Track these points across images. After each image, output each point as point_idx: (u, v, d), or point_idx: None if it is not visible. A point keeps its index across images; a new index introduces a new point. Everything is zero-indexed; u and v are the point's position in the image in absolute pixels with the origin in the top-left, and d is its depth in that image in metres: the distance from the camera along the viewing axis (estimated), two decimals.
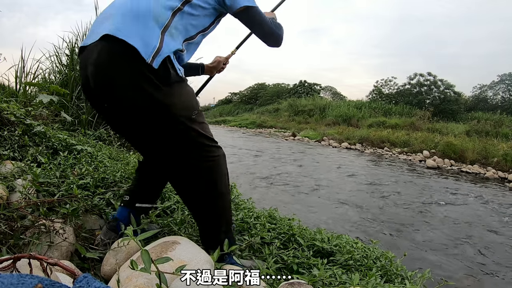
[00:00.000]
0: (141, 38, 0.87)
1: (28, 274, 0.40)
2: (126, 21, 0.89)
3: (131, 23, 0.89)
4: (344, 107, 19.78)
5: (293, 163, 7.57)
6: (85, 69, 0.95)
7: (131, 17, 0.90)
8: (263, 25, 1.11)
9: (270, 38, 1.15)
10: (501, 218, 4.32)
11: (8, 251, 0.90)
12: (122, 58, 0.87)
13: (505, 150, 8.61)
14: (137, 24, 0.89)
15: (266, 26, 1.11)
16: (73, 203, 1.16)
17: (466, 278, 2.64)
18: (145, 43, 0.87)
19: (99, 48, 0.89)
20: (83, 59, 0.96)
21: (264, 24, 1.11)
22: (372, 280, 1.11)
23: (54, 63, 3.49)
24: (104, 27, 0.91)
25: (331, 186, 5.46)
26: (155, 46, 0.87)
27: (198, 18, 1.01)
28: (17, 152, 1.66)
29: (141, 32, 0.88)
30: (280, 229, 1.54)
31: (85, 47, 0.95)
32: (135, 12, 0.91)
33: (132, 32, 0.87)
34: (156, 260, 0.64)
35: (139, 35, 0.87)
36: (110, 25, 0.90)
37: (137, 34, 0.87)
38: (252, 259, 1.26)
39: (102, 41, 0.89)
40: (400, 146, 11.16)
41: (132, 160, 2.12)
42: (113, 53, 0.88)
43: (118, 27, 0.88)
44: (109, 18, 0.93)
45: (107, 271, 0.93)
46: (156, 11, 0.92)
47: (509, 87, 24.10)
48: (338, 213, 4.06)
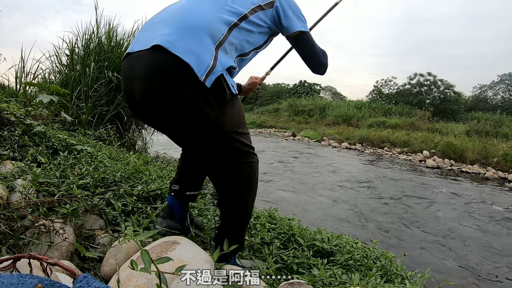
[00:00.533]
0: (195, 55, 0.84)
1: (28, 274, 0.40)
2: (180, 34, 0.86)
3: (185, 37, 0.85)
4: (344, 107, 19.77)
5: (293, 163, 7.57)
6: (130, 79, 0.92)
7: (186, 29, 0.87)
8: (313, 52, 1.12)
9: (315, 66, 1.16)
10: (501, 218, 4.32)
11: (8, 251, 0.90)
12: (175, 74, 0.84)
13: (505, 150, 8.61)
14: (192, 38, 0.86)
15: (315, 53, 1.13)
16: (73, 203, 1.16)
17: (466, 278, 2.64)
18: (199, 60, 0.84)
19: (149, 59, 0.86)
20: (128, 66, 0.93)
21: (313, 51, 1.12)
22: (372, 280, 1.11)
23: (54, 63, 3.50)
24: (157, 35, 0.87)
25: (330, 186, 5.46)
26: (209, 64, 0.85)
27: (253, 35, 1.01)
28: (17, 152, 1.66)
29: (195, 48, 0.85)
30: (280, 229, 1.54)
31: (132, 53, 0.91)
32: (189, 24, 0.88)
33: (186, 47, 0.84)
34: (156, 260, 0.64)
35: (193, 51, 0.84)
36: (163, 36, 0.86)
37: (191, 50, 0.84)
38: (252, 259, 1.27)
39: (154, 51, 0.85)
40: (400, 146, 11.16)
41: (132, 160, 2.12)
42: (165, 67, 0.84)
43: (171, 39, 0.84)
44: (162, 25, 0.90)
45: (107, 271, 0.93)
46: (212, 24, 0.89)
47: (509, 87, 24.11)
48: (337, 212, 4.06)
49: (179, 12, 0.92)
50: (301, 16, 1.10)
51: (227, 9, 0.94)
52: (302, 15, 1.10)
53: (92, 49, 3.39)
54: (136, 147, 3.58)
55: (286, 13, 1.06)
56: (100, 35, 3.52)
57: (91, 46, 3.45)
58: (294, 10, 1.08)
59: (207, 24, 0.89)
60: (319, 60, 1.15)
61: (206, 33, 0.87)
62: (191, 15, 0.90)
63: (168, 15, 0.94)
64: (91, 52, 3.34)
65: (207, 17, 0.90)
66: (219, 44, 0.89)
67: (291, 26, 1.06)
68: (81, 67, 3.24)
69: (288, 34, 1.09)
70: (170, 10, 0.97)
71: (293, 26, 1.06)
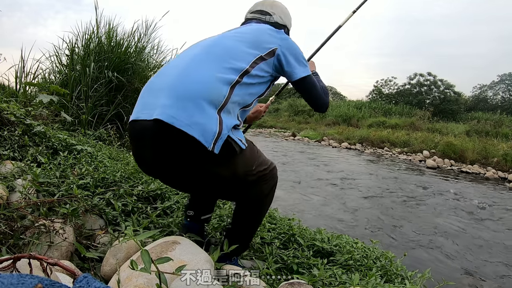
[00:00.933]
0: (199, 125, 0.83)
1: (28, 274, 0.40)
2: (182, 105, 0.84)
3: (187, 108, 0.83)
4: (344, 107, 19.77)
5: (293, 163, 7.57)
6: (140, 148, 0.93)
7: (187, 99, 0.84)
8: (315, 94, 1.13)
9: (317, 106, 1.17)
10: (501, 218, 4.32)
11: (8, 251, 0.90)
12: (183, 147, 0.85)
13: (505, 150, 8.61)
14: (194, 108, 0.84)
15: (317, 95, 1.13)
16: (73, 203, 1.16)
17: (466, 278, 2.64)
18: (205, 130, 0.83)
19: (155, 133, 0.85)
20: (135, 135, 0.93)
21: (315, 93, 1.13)
22: (372, 280, 1.11)
23: (54, 63, 3.50)
24: (158, 105, 0.86)
25: (330, 186, 5.46)
26: (215, 132, 0.84)
27: (255, 87, 1.00)
28: (17, 152, 1.66)
29: (198, 119, 0.83)
30: (280, 229, 1.54)
31: (138, 121, 0.91)
32: (190, 93, 0.85)
33: (190, 119, 0.83)
34: (156, 260, 0.64)
35: (197, 122, 0.83)
36: (165, 108, 0.84)
37: (195, 121, 0.83)
38: (252, 259, 1.27)
39: (158, 125, 0.84)
40: (400, 146, 11.16)
41: (132, 160, 2.12)
42: (172, 141, 0.84)
43: (174, 113, 0.83)
44: (164, 94, 0.87)
45: (107, 271, 0.93)
46: (213, 89, 0.87)
47: (509, 87, 24.12)
48: (337, 212, 4.06)
49: (180, 77, 0.89)
50: (302, 61, 1.09)
51: (228, 67, 0.92)
52: (303, 59, 1.10)
53: (92, 49, 3.39)
54: None
55: (288, 60, 1.05)
56: (100, 35, 3.51)
57: (91, 46, 3.44)
58: (296, 55, 1.07)
59: (208, 90, 0.87)
60: (321, 100, 1.15)
61: (207, 100, 0.85)
62: (192, 82, 0.87)
63: (170, 81, 0.90)
64: (91, 52, 3.34)
65: (207, 81, 0.88)
66: (221, 107, 0.88)
67: (293, 73, 1.07)
68: (81, 67, 3.24)
69: (291, 81, 1.10)
70: (172, 72, 0.93)
71: (295, 74, 1.07)
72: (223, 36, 1.03)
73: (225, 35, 1.04)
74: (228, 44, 0.98)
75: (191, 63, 0.92)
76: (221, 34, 1.06)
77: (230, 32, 1.07)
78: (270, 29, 1.07)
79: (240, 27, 1.14)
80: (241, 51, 0.97)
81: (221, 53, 0.95)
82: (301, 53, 1.10)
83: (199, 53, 0.96)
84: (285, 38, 1.07)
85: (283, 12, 1.22)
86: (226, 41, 1.00)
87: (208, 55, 0.94)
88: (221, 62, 0.92)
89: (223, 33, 1.07)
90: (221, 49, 0.96)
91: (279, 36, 1.06)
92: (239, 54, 0.96)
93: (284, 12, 1.23)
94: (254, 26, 1.10)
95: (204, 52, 0.96)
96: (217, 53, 0.95)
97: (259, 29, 1.07)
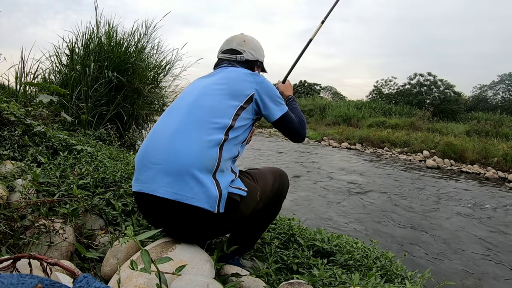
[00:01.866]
0: (201, 195, 0.88)
1: (28, 274, 0.40)
2: (179, 181, 0.89)
3: (185, 182, 0.88)
4: (344, 107, 19.77)
5: (292, 162, 7.57)
6: (148, 214, 0.98)
7: (181, 174, 0.89)
8: (292, 129, 1.18)
9: (295, 138, 1.21)
10: (501, 218, 4.32)
11: (8, 251, 0.90)
12: (190, 215, 0.90)
13: (505, 150, 8.60)
14: (191, 181, 0.88)
15: (294, 129, 1.18)
16: (73, 203, 1.16)
17: (466, 278, 2.64)
18: (207, 197, 0.88)
19: (162, 207, 0.91)
20: (143, 205, 0.97)
21: (292, 128, 1.18)
22: (372, 280, 1.11)
23: (54, 63, 3.49)
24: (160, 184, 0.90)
25: (330, 186, 5.46)
26: (216, 196, 0.89)
27: (240, 136, 1.04)
28: (17, 152, 1.66)
29: (198, 189, 0.88)
30: (280, 229, 1.54)
31: (141, 193, 0.94)
32: (183, 167, 0.89)
33: (190, 191, 0.88)
34: (156, 260, 0.64)
35: (197, 192, 0.88)
36: (166, 187, 0.89)
37: (195, 192, 0.88)
38: (252, 259, 1.27)
39: (163, 200, 0.89)
40: (400, 146, 11.16)
41: (132, 160, 2.12)
42: (179, 213, 0.90)
43: (175, 190, 0.88)
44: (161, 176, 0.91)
45: (107, 271, 0.93)
46: (203, 155, 0.91)
47: (509, 87, 24.12)
48: (337, 212, 4.06)
49: (172, 153, 0.92)
50: (279, 100, 1.14)
51: (212, 128, 0.95)
52: (279, 98, 1.14)
53: (92, 49, 3.39)
54: (136, 147, 3.57)
55: (264, 103, 1.10)
56: (100, 35, 3.51)
57: (91, 46, 3.44)
58: (272, 96, 1.11)
59: (200, 159, 0.90)
60: (298, 134, 1.20)
61: (202, 169, 0.90)
62: (184, 157, 0.91)
63: (163, 157, 0.93)
64: (91, 52, 3.34)
65: (198, 152, 0.91)
66: (216, 170, 0.92)
67: (271, 115, 1.12)
68: (81, 67, 3.24)
69: (269, 121, 1.14)
70: (163, 142, 0.95)
71: (273, 115, 1.12)
72: (203, 92, 1.04)
73: (205, 91, 1.05)
74: (209, 102, 1.01)
75: (178, 135, 0.94)
76: (201, 90, 1.06)
77: (208, 84, 1.08)
78: (245, 74, 1.10)
79: (215, 74, 1.14)
80: (222, 106, 1.01)
81: (204, 114, 0.98)
82: (276, 92, 1.14)
83: (184, 121, 0.97)
84: (260, 81, 1.10)
85: (253, 48, 1.26)
86: (207, 99, 1.02)
87: (192, 121, 0.97)
88: (206, 124, 0.96)
89: (202, 88, 1.07)
90: (204, 110, 0.99)
91: (254, 80, 1.09)
92: (221, 110, 1.00)
93: (255, 48, 1.26)
94: (230, 74, 1.11)
95: (188, 120, 0.97)
96: (200, 116, 0.97)
97: (235, 78, 1.09)
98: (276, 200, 1.14)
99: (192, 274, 0.79)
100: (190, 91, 1.09)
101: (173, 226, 0.94)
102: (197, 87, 1.08)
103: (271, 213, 1.16)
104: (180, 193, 0.88)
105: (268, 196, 1.09)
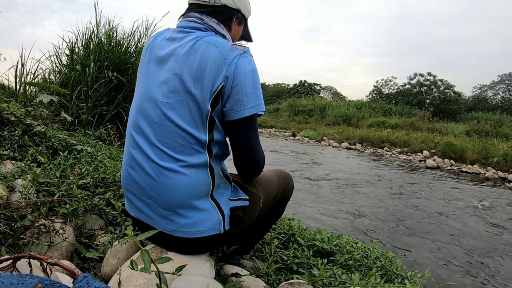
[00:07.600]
0: (205, 223, 0.84)
1: (28, 274, 0.40)
2: (179, 214, 0.83)
3: (185, 216, 0.83)
4: (344, 107, 19.77)
5: (293, 163, 7.56)
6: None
7: (179, 207, 0.82)
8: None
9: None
10: (501, 218, 4.32)
11: (8, 251, 0.90)
12: (200, 244, 0.86)
13: (505, 150, 8.61)
14: (191, 212, 0.83)
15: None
16: (73, 203, 1.16)
17: (466, 278, 2.64)
18: (212, 222, 0.84)
19: (169, 238, 0.86)
20: (143, 230, 0.92)
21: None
22: (372, 280, 1.11)
23: (54, 63, 3.50)
24: (156, 216, 0.84)
25: (330, 186, 5.46)
26: (219, 219, 0.85)
27: (223, 142, 0.90)
28: (17, 152, 1.66)
29: (200, 218, 0.83)
30: (280, 229, 1.54)
31: (140, 220, 0.89)
32: (180, 202, 0.82)
33: (196, 222, 0.83)
34: (156, 260, 0.64)
35: (202, 221, 0.83)
36: (166, 225, 0.83)
37: (201, 220, 0.83)
38: (252, 259, 1.27)
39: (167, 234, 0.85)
40: (400, 146, 11.16)
41: None
42: (188, 244, 0.86)
43: (176, 227, 0.83)
44: (151, 201, 0.83)
45: (107, 271, 0.92)
46: (196, 182, 0.82)
47: (509, 87, 24.13)
48: (337, 212, 4.06)
49: (161, 192, 0.82)
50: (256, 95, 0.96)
51: (193, 150, 0.80)
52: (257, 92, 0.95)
53: (92, 49, 3.39)
54: None
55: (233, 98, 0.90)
56: (100, 35, 3.51)
57: (91, 46, 3.45)
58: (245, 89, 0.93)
59: (195, 188, 0.82)
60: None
61: (199, 196, 0.83)
62: (176, 193, 0.81)
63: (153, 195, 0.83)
64: (91, 52, 3.34)
65: (188, 183, 0.81)
66: (212, 191, 0.85)
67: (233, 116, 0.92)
68: (81, 67, 3.24)
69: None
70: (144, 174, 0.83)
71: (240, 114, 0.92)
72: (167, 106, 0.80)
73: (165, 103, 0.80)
74: (175, 120, 0.79)
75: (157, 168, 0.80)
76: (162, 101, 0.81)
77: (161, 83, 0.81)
78: (216, 58, 0.78)
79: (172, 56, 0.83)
80: (192, 119, 0.79)
81: (177, 138, 0.79)
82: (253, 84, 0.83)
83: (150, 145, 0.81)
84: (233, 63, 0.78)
85: None
86: (171, 116, 0.79)
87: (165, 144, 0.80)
88: (186, 149, 0.80)
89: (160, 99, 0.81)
90: (174, 134, 0.79)
91: (227, 61, 0.78)
92: (192, 124, 0.79)
93: None
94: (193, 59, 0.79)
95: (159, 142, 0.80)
96: (175, 142, 0.79)
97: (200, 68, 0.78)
98: (280, 204, 1.12)
99: (192, 274, 0.79)
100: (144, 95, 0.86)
101: (178, 250, 0.91)
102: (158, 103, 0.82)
103: (274, 217, 1.14)
104: (184, 230, 0.83)
105: (272, 202, 1.06)
